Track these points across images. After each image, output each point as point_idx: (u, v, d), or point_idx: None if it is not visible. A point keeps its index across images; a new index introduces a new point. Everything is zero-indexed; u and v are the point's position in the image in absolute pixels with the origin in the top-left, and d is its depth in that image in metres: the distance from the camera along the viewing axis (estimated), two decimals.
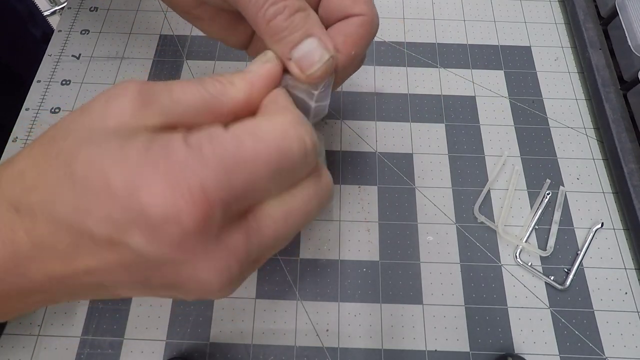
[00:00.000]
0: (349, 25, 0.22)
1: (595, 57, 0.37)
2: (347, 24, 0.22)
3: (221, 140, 0.16)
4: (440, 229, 0.32)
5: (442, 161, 0.35)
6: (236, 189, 0.16)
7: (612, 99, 0.35)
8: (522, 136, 0.36)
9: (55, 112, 0.36)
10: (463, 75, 0.38)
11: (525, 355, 0.28)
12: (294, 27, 0.20)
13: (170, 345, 0.29)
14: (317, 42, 0.20)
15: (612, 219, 0.33)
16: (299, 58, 0.20)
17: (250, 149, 0.16)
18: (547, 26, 0.41)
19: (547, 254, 0.31)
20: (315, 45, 0.20)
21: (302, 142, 0.17)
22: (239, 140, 0.16)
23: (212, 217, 0.15)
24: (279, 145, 0.16)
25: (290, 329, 0.29)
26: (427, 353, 0.29)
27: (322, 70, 0.20)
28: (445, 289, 0.30)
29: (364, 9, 0.22)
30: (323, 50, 0.20)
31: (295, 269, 0.31)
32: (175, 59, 0.39)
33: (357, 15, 0.22)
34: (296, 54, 0.20)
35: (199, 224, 0.15)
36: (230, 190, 0.15)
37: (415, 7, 0.42)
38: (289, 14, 0.20)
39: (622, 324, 0.29)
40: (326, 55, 0.20)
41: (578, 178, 0.34)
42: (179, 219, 0.14)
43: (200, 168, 0.15)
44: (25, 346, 0.28)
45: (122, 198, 0.14)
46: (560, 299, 0.30)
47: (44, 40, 0.55)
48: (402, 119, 0.36)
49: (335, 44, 0.21)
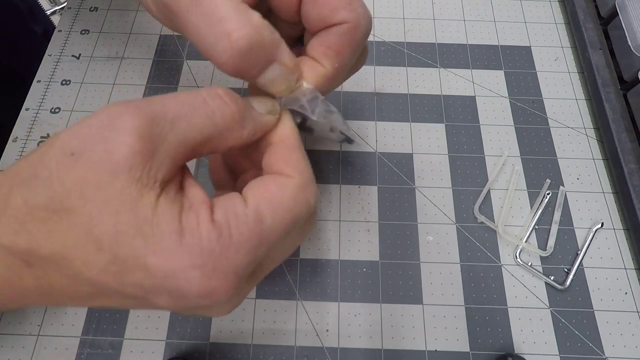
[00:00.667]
0: (330, 35, 0.21)
1: (595, 57, 0.37)
2: (328, 34, 0.21)
3: (245, 221, 0.17)
4: (440, 229, 0.32)
5: (442, 161, 0.35)
6: (259, 258, 0.18)
7: (612, 99, 0.35)
8: (522, 136, 0.36)
9: (55, 112, 0.36)
10: (463, 75, 0.38)
11: (525, 355, 0.28)
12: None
13: (170, 345, 0.29)
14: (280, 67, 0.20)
15: (612, 219, 0.33)
16: (264, 84, 0.21)
17: (270, 225, 0.17)
18: (547, 26, 0.41)
19: (547, 254, 0.31)
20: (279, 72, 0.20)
21: (309, 206, 0.19)
22: (260, 218, 0.17)
23: (239, 288, 0.17)
24: (293, 213, 0.18)
25: (290, 329, 0.29)
26: (427, 353, 0.29)
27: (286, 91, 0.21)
28: (445, 289, 0.30)
29: (345, 16, 0.21)
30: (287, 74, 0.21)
31: (295, 269, 0.31)
32: (175, 59, 0.39)
33: (338, 23, 0.21)
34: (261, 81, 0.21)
35: (227, 298, 0.17)
36: (255, 263, 0.18)
37: (415, 7, 0.42)
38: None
39: (622, 324, 0.29)
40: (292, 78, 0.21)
41: (578, 178, 0.34)
42: (211, 297, 0.16)
43: (232, 255, 0.16)
44: (25, 346, 0.28)
45: (158, 277, 0.16)
46: (560, 299, 0.30)
47: (45, 38, 0.55)
48: (402, 119, 0.36)
49: (317, 56, 0.21)
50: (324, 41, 0.21)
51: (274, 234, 0.18)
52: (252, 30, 0.18)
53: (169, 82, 0.38)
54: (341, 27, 0.21)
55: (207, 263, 0.16)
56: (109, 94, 0.37)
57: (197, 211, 0.17)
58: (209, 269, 0.16)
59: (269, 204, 0.18)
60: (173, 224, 0.16)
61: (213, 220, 0.16)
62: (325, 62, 0.21)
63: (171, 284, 0.16)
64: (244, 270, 0.17)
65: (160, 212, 0.16)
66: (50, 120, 0.36)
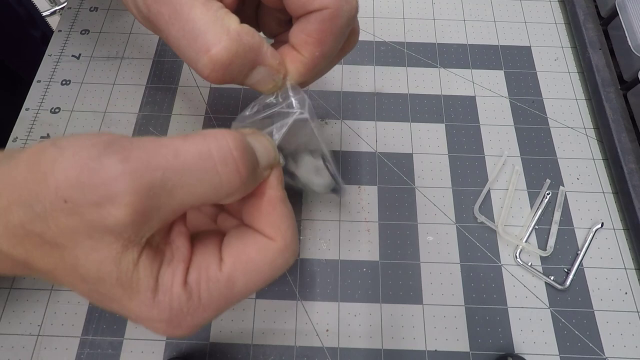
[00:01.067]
0: (311, 22, 0.20)
1: (595, 57, 0.37)
2: (308, 21, 0.20)
3: (217, 285, 0.18)
4: (440, 229, 0.32)
5: (442, 161, 0.35)
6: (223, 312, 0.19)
7: (612, 99, 0.35)
8: (522, 136, 0.36)
9: (55, 112, 0.36)
10: (463, 75, 0.38)
11: (525, 355, 0.28)
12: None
13: (170, 345, 0.29)
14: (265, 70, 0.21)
15: (612, 219, 0.33)
16: (251, 86, 0.21)
17: (240, 289, 0.18)
18: (547, 26, 0.41)
19: (547, 254, 0.31)
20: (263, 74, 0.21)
21: (287, 266, 0.19)
22: (232, 283, 0.18)
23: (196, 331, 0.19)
24: (267, 276, 0.19)
25: (290, 329, 0.29)
26: (427, 353, 0.29)
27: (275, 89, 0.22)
28: (445, 289, 0.30)
29: (325, 1, 0.20)
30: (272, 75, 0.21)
31: (295, 269, 0.31)
32: (175, 59, 0.39)
33: (318, 10, 0.20)
34: (249, 82, 0.21)
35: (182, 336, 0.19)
36: (217, 315, 0.19)
37: (415, 7, 0.42)
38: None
39: (622, 324, 0.29)
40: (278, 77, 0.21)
41: (578, 178, 0.34)
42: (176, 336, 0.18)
43: (197, 315, 0.18)
44: (25, 346, 0.28)
45: (132, 317, 0.18)
46: (560, 299, 0.30)
47: (44, 42, 0.55)
48: (402, 119, 0.36)
49: (298, 44, 0.21)
50: (304, 28, 0.21)
51: (242, 295, 0.19)
52: (231, 42, 0.19)
53: (169, 82, 0.38)
54: (321, 14, 0.20)
55: (174, 320, 0.17)
56: (109, 94, 0.37)
57: (173, 271, 0.18)
58: (174, 324, 0.18)
59: (244, 269, 0.18)
60: (150, 282, 0.17)
61: (185, 282, 0.18)
62: (305, 51, 0.21)
63: (144, 324, 0.18)
64: (207, 322, 0.19)
65: (141, 267, 0.17)
66: (50, 120, 0.36)
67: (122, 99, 0.37)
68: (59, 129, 0.36)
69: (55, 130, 0.35)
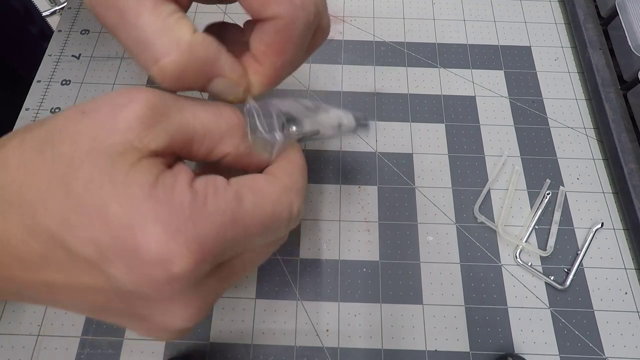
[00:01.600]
0: (266, 33, 0.19)
1: (595, 57, 0.37)
2: (264, 32, 0.19)
3: (225, 196, 0.16)
4: (440, 229, 0.32)
5: (442, 161, 0.35)
6: (229, 244, 0.16)
7: (612, 99, 0.35)
8: (522, 136, 0.36)
9: (55, 112, 0.36)
10: (463, 75, 0.38)
11: (525, 355, 0.28)
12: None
13: (170, 345, 0.29)
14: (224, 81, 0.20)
15: (612, 219, 0.33)
16: (213, 96, 0.20)
17: (249, 210, 0.17)
18: (547, 26, 0.41)
19: (547, 254, 0.31)
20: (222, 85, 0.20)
21: (291, 210, 0.18)
22: (240, 199, 0.17)
23: (200, 269, 0.16)
24: (274, 207, 0.18)
25: (290, 329, 0.29)
26: (427, 353, 0.29)
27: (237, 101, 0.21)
28: (445, 289, 0.30)
29: (277, 10, 0.18)
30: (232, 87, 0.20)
31: (295, 269, 0.31)
32: None
33: (271, 18, 0.18)
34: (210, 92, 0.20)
35: (186, 274, 0.15)
36: (224, 245, 0.16)
37: (415, 7, 0.42)
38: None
39: (622, 324, 0.29)
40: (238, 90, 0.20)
41: (578, 178, 0.34)
42: (169, 265, 0.15)
43: (201, 221, 0.15)
44: (25, 346, 0.28)
45: (116, 229, 0.14)
46: (560, 299, 0.30)
47: (42, 38, 0.55)
48: (402, 119, 0.36)
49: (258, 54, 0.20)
50: (262, 38, 0.19)
51: (250, 220, 0.17)
52: (180, 55, 0.17)
53: None
54: (276, 23, 0.18)
55: (171, 221, 0.15)
56: None
57: (176, 174, 0.16)
58: (172, 227, 0.15)
59: (252, 190, 0.17)
60: (149, 177, 0.15)
61: (191, 185, 0.16)
62: (266, 62, 0.20)
63: (127, 241, 0.14)
64: (210, 246, 0.15)
65: (138, 168, 0.15)
66: None
67: None
68: None
69: None
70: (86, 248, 0.15)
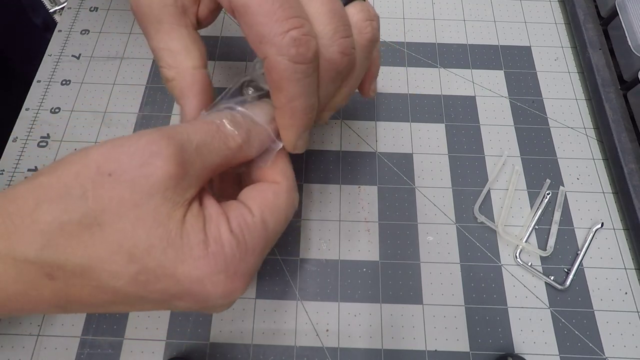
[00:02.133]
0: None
1: (595, 57, 0.37)
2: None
3: (255, 228, 0.19)
4: (440, 229, 0.32)
5: (442, 161, 0.35)
6: (264, 257, 0.21)
7: (612, 99, 0.35)
8: (522, 136, 0.36)
9: (55, 112, 0.36)
10: (463, 75, 0.38)
11: (525, 355, 0.28)
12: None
13: (170, 345, 0.29)
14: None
15: (612, 219, 0.33)
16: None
17: (273, 230, 0.20)
18: (547, 26, 0.41)
19: (547, 254, 0.31)
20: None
21: (295, 206, 0.22)
22: (265, 224, 0.20)
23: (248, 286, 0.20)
24: (286, 214, 0.21)
25: (290, 329, 0.29)
26: (427, 353, 0.29)
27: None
28: (445, 289, 0.30)
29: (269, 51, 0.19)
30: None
31: (295, 269, 0.31)
32: None
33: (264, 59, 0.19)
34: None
35: (240, 295, 0.19)
36: (262, 261, 0.20)
37: (415, 7, 0.42)
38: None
39: (622, 324, 0.29)
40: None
41: (578, 178, 0.34)
42: (230, 297, 0.19)
43: (247, 257, 0.19)
44: (25, 346, 0.28)
45: (188, 284, 0.17)
46: (560, 299, 0.30)
47: (45, 29, 0.55)
48: (402, 119, 0.36)
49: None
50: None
51: (275, 235, 0.21)
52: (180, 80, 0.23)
53: None
54: (266, 62, 0.19)
55: (230, 268, 0.18)
56: (109, 94, 0.37)
57: (217, 223, 0.18)
58: (231, 272, 0.18)
59: (270, 211, 0.20)
60: (200, 235, 0.18)
61: (231, 230, 0.19)
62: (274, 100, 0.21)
63: (197, 289, 0.18)
64: (255, 270, 0.20)
65: (188, 226, 0.18)
66: (50, 120, 0.36)
67: (122, 99, 0.37)
68: (59, 129, 0.36)
69: (55, 130, 0.35)
70: (157, 295, 0.18)
